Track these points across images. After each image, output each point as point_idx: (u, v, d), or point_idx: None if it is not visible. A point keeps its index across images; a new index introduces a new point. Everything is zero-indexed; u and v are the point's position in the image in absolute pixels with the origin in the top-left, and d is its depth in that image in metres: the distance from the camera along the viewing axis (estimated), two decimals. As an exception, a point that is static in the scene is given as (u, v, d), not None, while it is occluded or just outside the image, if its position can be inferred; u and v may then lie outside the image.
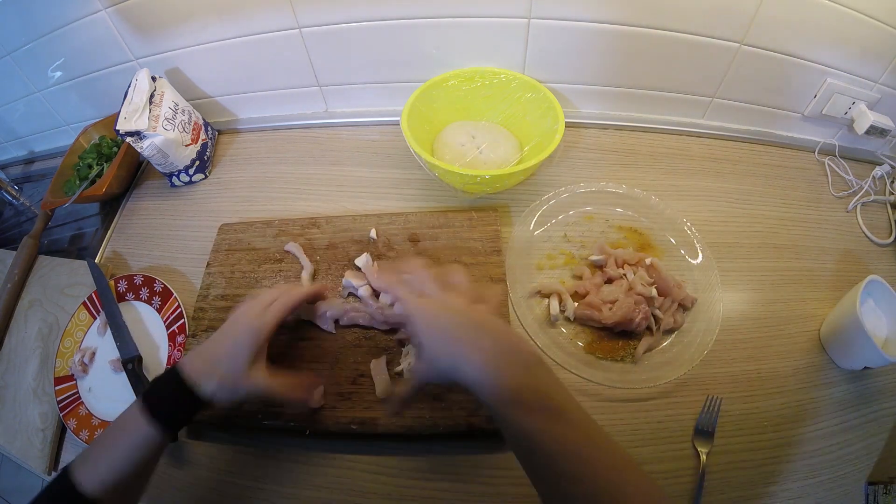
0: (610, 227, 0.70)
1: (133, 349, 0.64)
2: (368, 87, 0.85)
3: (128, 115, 0.72)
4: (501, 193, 0.75)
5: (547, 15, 0.70)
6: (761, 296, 0.66)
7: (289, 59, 0.80)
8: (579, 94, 0.81)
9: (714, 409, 0.56)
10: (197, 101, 0.87)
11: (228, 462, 0.58)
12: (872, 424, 0.57)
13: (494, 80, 0.77)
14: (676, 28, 0.69)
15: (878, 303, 0.60)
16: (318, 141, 0.87)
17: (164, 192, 0.84)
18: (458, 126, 0.79)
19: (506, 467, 0.54)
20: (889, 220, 0.74)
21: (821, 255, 0.70)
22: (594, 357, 0.60)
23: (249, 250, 0.70)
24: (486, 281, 0.63)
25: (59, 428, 0.63)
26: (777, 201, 0.75)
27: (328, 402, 0.56)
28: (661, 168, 0.78)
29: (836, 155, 0.80)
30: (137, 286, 0.69)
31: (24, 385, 0.66)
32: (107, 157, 0.85)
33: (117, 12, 0.74)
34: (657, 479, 0.53)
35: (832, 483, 0.53)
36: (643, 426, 0.56)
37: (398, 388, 0.49)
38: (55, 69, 0.84)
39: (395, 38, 0.76)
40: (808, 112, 0.76)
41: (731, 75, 0.73)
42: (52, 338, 0.68)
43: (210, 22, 0.75)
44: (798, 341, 0.62)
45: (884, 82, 0.69)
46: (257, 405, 0.57)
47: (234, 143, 0.90)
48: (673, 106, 0.80)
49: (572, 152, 0.80)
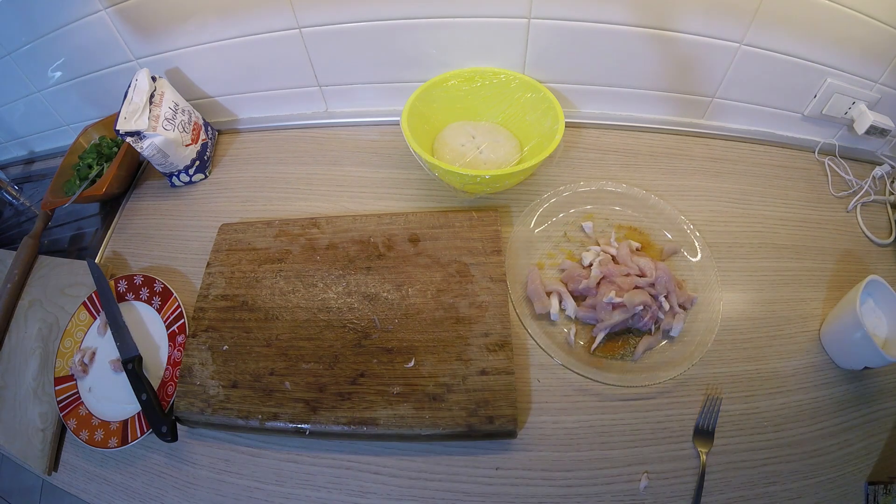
0: (610, 227, 0.70)
1: (133, 349, 0.63)
2: (368, 87, 0.85)
3: (128, 115, 0.72)
4: (501, 193, 0.75)
5: (547, 15, 0.70)
6: (761, 296, 0.66)
7: (289, 59, 0.80)
8: (579, 94, 0.81)
9: (714, 409, 0.56)
10: (197, 101, 0.87)
11: (228, 462, 0.58)
12: (872, 424, 0.57)
13: (494, 80, 0.77)
14: (676, 28, 0.69)
15: (878, 303, 0.60)
16: (318, 141, 0.87)
17: (164, 192, 0.84)
18: (458, 126, 0.79)
19: (506, 467, 0.55)
20: (889, 220, 0.74)
21: (821, 255, 0.70)
22: (594, 356, 0.60)
23: (250, 250, 0.70)
24: (487, 281, 0.63)
25: (59, 428, 0.63)
26: (777, 201, 0.75)
27: (328, 402, 0.56)
28: (661, 168, 0.78)
29: (836, 155, 0.80)
30: (137, 286, 0.69)
31: (24, 385, 0.66)
32: (107, 157, 0.85)
33: (117, 12, 0.74)
34: (657, 479, 0.53)
35: (832, 483, 0.53)
36: (643, 426, 0.56)
37: None
38: (55, 69, 0.84)
39: (395, 38, 0.76)
40: (808, 112, 0.76)
41: (731, 75, 0.74)
42: (52, 338, 0.68)
43: (210, 22, 0.75)
44: (798, 341, 0.62)
45: (884, 82, 0.69)
46: (257, 405, 0.57)
47: (234, 143, 0.90)
48: (673, 106, 0.80)
49: (572, 152, 0.80)
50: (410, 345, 0.60)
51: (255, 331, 0.63)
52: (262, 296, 0.65)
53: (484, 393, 0.55)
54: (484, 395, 0.55)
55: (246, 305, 0.65)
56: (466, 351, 0.58)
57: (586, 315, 0.62)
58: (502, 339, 0.59)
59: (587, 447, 0.55)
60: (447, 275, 0.65)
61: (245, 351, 0.61)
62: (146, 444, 0.59)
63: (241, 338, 0.62)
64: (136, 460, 0.60)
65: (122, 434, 0.59)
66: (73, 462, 0.61)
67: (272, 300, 0.65)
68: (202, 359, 0.61)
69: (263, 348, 0.61)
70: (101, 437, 0.59)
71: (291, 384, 0.58)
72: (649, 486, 0.53)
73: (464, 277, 0.64)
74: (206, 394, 0.58)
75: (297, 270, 0.67)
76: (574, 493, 0.53)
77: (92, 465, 0.61)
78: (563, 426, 0.57)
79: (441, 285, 0.64)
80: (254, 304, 0.65)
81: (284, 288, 0.66)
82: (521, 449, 0.55)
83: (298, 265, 0.68)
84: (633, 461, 0.54)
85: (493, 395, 0.55)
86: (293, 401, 0.57)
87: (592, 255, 0.65)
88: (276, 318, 0.63)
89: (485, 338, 0.59)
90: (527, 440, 0.56)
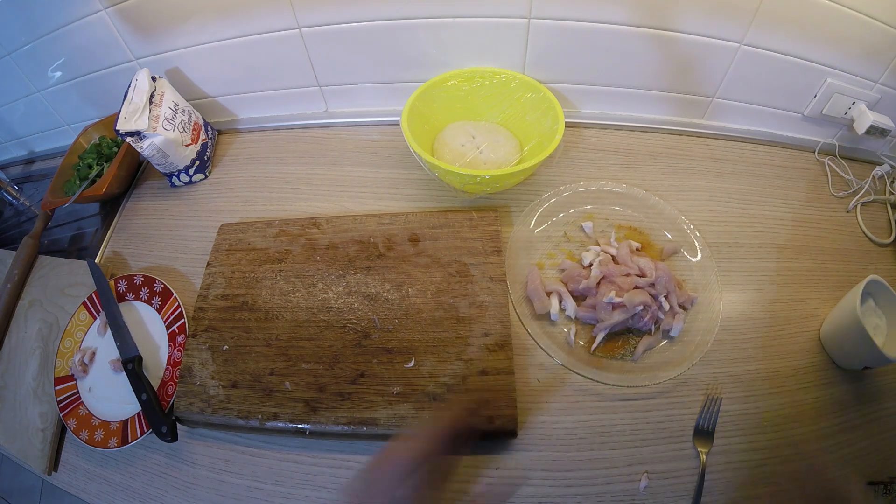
0: (610, 227, 0.70)
1: (133, 349, 0.64)
2: (368, 87, 0.85)
3: (128, 115, 0.72)
4: (501, 193, 0.75)
5: (547, 15, 0.70)
6: (761, 296, 0.66)
7: (289, 59, 0.80)
8: (579, 94, 0.81)
9: (714, 409, 0.56)
10: (197, 101, 0.87)
11: (228, 462, 0.58)
12: (872, 424, 0.57)
13: (494, 80, 0.77)
14: (676, 28, 0.69)
15: (878, 303, 0.60)
16: (318, 141, 0.87)
17: (164, 192, 0.84)
18: (458, 126, 0.79)
19: (506, 467, 0.55)
20: (889, 220, 0.74)
21: (821, 255, 0.70)
22: (594, 356, 0.60)
23: (250, 250, 0.70)
24: (487, 281, 0.63)
25: (59, 428, 0.63)
26: (777, 201, 0.75)
27: (328, 402, 0.56)
28: (661, 168, 0.78)
29: (836, 155, 0.80)
30: (137, 286, 0.69)
31: (24, 385, 0.66)
32: (107, 157, 0.85)
33: (117, 12, 0.74)
34: (657, 479, 0.53)
35: (832, 483, 0.53)
36: (643, 426, 0.56)
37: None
38: (55, 69, 0.84)
39: (395, 38, 0.76)
40: (808, 112, 0.76)
41: (730, 75, 0.73)
42: (52, 338, 0.68)
43: (210, 22, 0.75)
44: (798, 341, 0.62)
45: (884, 82, 0.69)
46: (257, 405, 0.57)
47: (234, 143, 0.90)
48: (673, 106, 0.80)
49: (572, 152, 0.80)
50: (410, 345, 0.60)
51: (255, 331, 0.63)
52: (262, 296, 0.65)
53: (484, 393, 0.55)
54: (484, 395, 0.55)
55: (246, 305, 0.65)
56: (466, 351, 0.58)
57: (586, 315, 0.62)
58: (502, 339, 0.59)
59: (587, 447, 0.55)
60: (447, 275, 0.65)
61: (245, 351, 0.61)
62: (146, 444, 0.59)
63: (241, 338, 0.62)
64: (136, 460, 0.60)
65: (122, 434, 0.59)
66: (73, 462, 0.61)
67: (272, 300, 0.65)
68: (202, 359, 0.61)
69: (263, 348, 0.61)
70: (101, 437, 0.59)
71: (291, 384, 0.58)
72: (649, 486, 0.53)
73: (464, 277, 0.64)
74: (206, 394, 0.58)
75: (297, 270, 0.67)
76: (574, 493, 0.53)
77: (92, 465, 0.61)
78: (563, 426, 0.57)
79: (441, 285, 0.64)
80: (254, 304, 0.65)
81: (284, 288, 0.66)
82: (521, 449, 0.55)
83: (298, 265, 0.68)
84: (633, 461, 0.54)
85: (493, 395, 0.55)
86: (293, 401, 0.57)
87: (592, 255, 0.65)
88: (276, 318, 0.63)
89: (485, 338, 0.59)
90: (527, 440, 0.56)
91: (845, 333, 0.59)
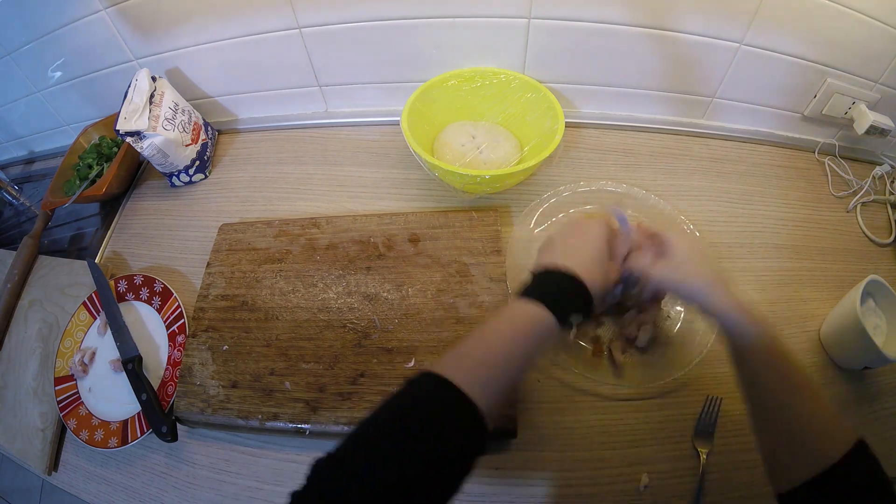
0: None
1: (133, 349, 0.64)
2: (368, 87, 0.85)
3: (128, 115, 0.72)
4: (501, 193, 0.75)
5: (547, 15, 0.70)
6: (761, 296, 0.66)
7: (289, 59, 0.80)
8: (579, 94, 0.81)
9: (714, 409, 0.56)
10: (197, 101, 0.87)
11: (228, 462, 0.58)
12: (872, 424, 0.57)
13: (494, 80, 0.77)
14: (676, 28, 0.69)
15: (878, 303, 0.60)
16: (318, 141, 0.87)
17: (164, 192, 0.84)
18: (458, 126, 0.79)
19: (506, 467, 0.55)
20: (889, 220, 0.74)
21: (821, 255, 0.70)
22: (594, 356, 0.60)
23: (250, 250, 0.70)
24: (487, 281, 0.63)
25: (59, 428, 0.63)
26: (777, 201, 0.75)
27: (328, 403, 0.56)
28: (661, 168, 0.78)
29: (836, 155, 0.80)
30: (137, 286, 0.69)
31: (24, 385, 0.66)
32: (107, 157, 0.85)
33: (117, 12, 0.74)
34: (657, 479, 0.53)
35: (832, 483, 0.53)
36: (643, 426, 0.56)
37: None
38: (55, 69, 0.84)
39: (395, 38, 0.76)
40: (808, 112, 0.76)
41: (731, 75, 0.73)
42: (52, 338, 0.68)
43: (210, 22, 0.75)
44: (798, 341, 0.62)
45: (884, 82, 0.69)
46: (257, 406, 0.57)
47: (234, 143, 0.90)
48: (673, 106, 0.80)
49: (572, 152, 0.80)
50: (410, 345, 0.60)
51: (255, 331, 0.63)
52: (262, 296, 0.65)
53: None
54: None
55: (246, 305, 0.65)
56: (466, 351, 0.58)
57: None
58: (502, 339, 0.59)
59: (587, 447, 0.55)
60: (447, 275, 0.65)
61: (245, 351, 0.61)
62: (146, 444, 0.59)
63: (241, 338, 0.62)
64: (136, 460, 0.60)
65: (122, 434, 0.59)
66: (73, 462, 0.61)
67: (272, 300, 0.65)
68: (202, 359, 0.61)
69: (263, 348, 0.61)
70: (101, 437, 0.59)
71: (291, 384, 0.58)
72: (649, 486, 0.53)
73: (464, 277, 0.64)
74: (206, 394, 0.58)
75: (297, 270, 0.67)
76: (574, 493, 0.53)
77: (92, 465, 0.61)
78: (563, 426, 0.57)
79: (441, 285, 0.64)
80: (254, 304, 0.65)
81: (284, 288, 0.66)
82: (521, 449, 0.55)
83: (298, 265, 0.68)
84: (633, 461, 0.54)
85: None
86: (293, 401, 0.57)
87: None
88: (276, 318, 0.63)
89: (485, 338, 0.59)
90: (527, 440, 0.56)
91: (845, 333, 0.59)
